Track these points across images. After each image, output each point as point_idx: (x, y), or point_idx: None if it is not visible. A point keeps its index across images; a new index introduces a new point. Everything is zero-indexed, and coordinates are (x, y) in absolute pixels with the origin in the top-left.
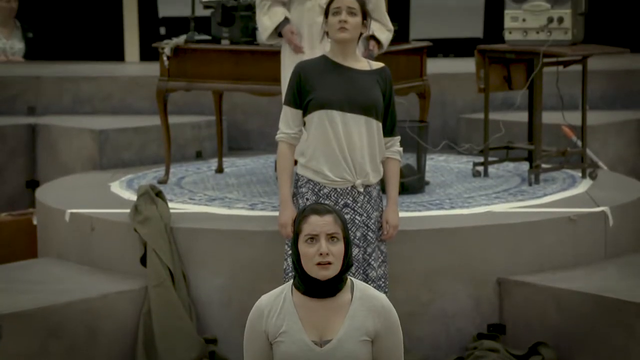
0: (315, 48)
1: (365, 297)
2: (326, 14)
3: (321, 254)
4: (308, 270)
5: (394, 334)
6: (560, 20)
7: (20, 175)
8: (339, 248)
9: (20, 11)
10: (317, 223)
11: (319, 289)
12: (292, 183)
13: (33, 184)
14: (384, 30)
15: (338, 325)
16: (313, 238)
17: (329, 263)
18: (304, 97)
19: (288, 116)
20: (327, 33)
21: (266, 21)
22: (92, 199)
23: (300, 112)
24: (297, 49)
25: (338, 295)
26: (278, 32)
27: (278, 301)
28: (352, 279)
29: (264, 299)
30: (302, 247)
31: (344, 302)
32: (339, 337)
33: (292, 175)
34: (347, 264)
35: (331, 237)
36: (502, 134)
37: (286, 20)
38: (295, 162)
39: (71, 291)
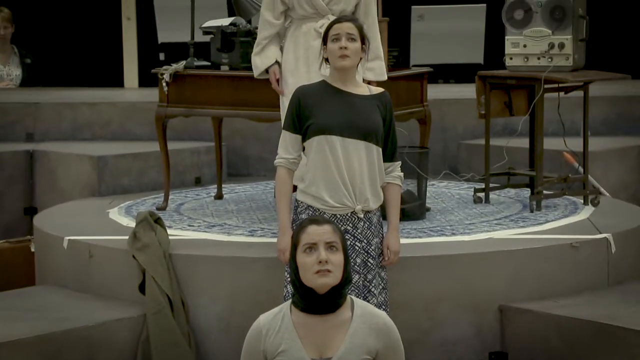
0: (311, 72)
1: (366, 314)
2: (324, 40)
3: (320, 262)
4: (307, 280)
5: (396, 352)
6: (562, 46)
7: (18, 202)
8: (338, 257)
9: (19, 37)
10: (316, 232)
11: (319, 303)
12: (290, 208)
13: (31, 211)
14: (377, 68)
15: (339, 343)
16: (311, 247)
17: (329, 271)
18: (303, 122)
19: (287, 141)
20: (326, 59)
21: (257, 61)
22: (91, 225)
23: (299, 137)
24: (279, 92)
25: (338, 312)
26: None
27: (277, 320)
28: (352, 297)
29: (262, 318)
30: (301, 258)
31: (344, 320)
32: (339, 355)
33: (291, 200)
34: (347, 277)
35: (330, 246)
36: (505, 161)
37: (276, 63)
38: (295, 188)
39: (69, 319)
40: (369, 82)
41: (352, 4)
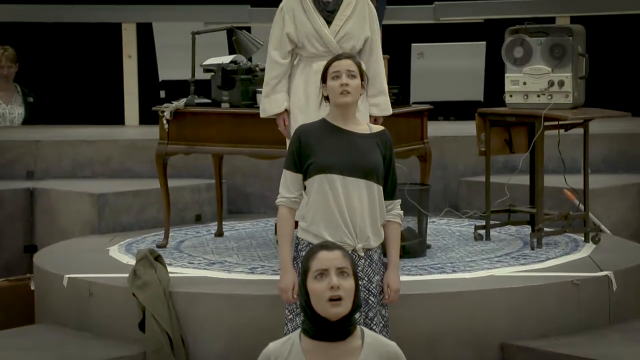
0: (322, 110)
1: (376, 343)
2: (324, 78)
3: (332, 288)
4: (319, 309)
5: None
6: (561, 83)
7: (18, 240)
8: (349, 283)
9: (21, 75)
10: (327, 257)
11: (330, 330)
12: (292, 247)
13: (31, 249)
14: (382, 103)
15: None
16: (323, 273)
17: (340, 298)
18: (304, 161)
19: (288, 180)
20: (325, 97)
21: (266, 105)
22: (91, 263)
23: (300, 176)
24: (287, 136)
25: (348, 340)
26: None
27: (285, 347)
28: (361, 327)
29: (272, 345)
30: (312, 284)
31: (354, 348)
32: None
33: (292, 239)
34: (357, 303)
35: (341, 272)
36: (507, 197)
37: (285, 111)
38: (296, 224)
39: (69, 358)
40: (375, 118)
41: (361, 41)
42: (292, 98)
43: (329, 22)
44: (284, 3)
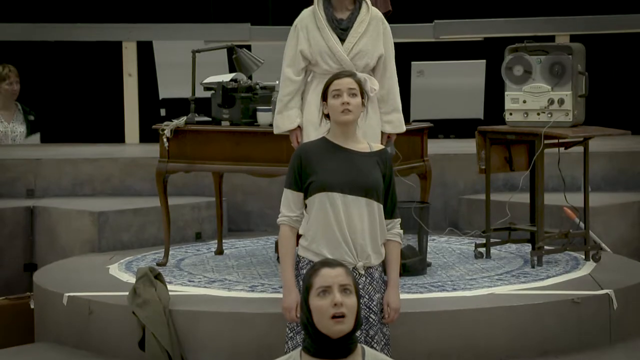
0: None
1: None
2: (324, 96)
3: (335, 305)
4: (322, 326)
5: None
6: (561, 102)
7: (18, 258)
8: (352, 301)
9: (22, 94)
10: (330, 274)
11: (331, 348)
12: (294, 266)
13: (31, 267)
14: (395, 121)
15: None
16: (325, 290)
17: (343, 316)
18: (304, 180)
19: (289, 199)
20: (325, 115)
21: (279, 121)
22: (90, 281)
23: (301, 194)
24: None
25: (349, 358)
26: None
27: None
28: (362, 345)
29: None
30: (315, 301)
31: None
32: None
33: (295, 258)
34: (359, 321)
35: (344, 289)
36: (508, 217)
37: (297, 127)
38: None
39: None
40: (388, 136)
41: (374, 59)
42: (305, 114)
43: (342, 40)
44: (298, 20)
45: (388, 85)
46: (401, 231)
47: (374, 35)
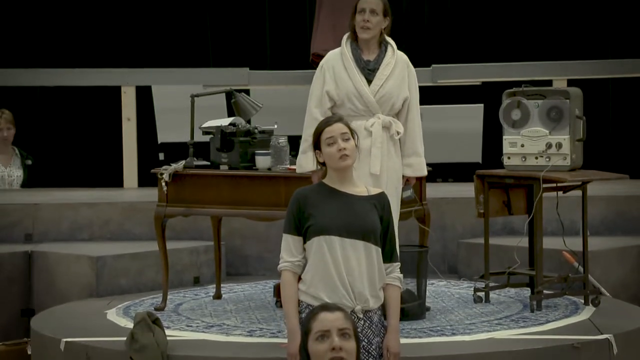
0: (359, 169)
1: None
2: (317, 145)
3: (334, 349)
4: None
5: None
6: (559, 146)
7: (15, 303)
8: (351, 345)
9: (19, 139)
10: (328, 319)
11: None
12: (297, 311)
13: (28, 313)
14: (415, 164)
15: None
16: (324, 334)
17: (342, 359)
18: (303, 224)
19: (290, 244)
20: (320, 163)
21: (303, 161)
22: (88, 327)
23: (301, 239)
24: None
25: None
26: None
27: None
28: None
29: None
30: (313, 346)
31: None
32: None
33: (297, 304)
34: None
35: (342, 333)
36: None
37: (319, 169)
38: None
39: None
40: (407, 179)
41: (400, 101)
42: None
43: (369, 81)
44: (325, 60)
45: (410, 129)
46: (401, 275)
47: (400, 78)
